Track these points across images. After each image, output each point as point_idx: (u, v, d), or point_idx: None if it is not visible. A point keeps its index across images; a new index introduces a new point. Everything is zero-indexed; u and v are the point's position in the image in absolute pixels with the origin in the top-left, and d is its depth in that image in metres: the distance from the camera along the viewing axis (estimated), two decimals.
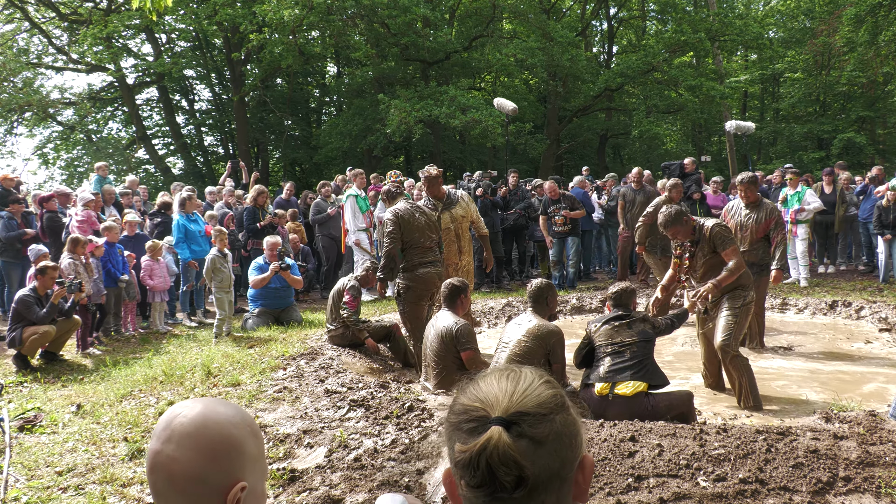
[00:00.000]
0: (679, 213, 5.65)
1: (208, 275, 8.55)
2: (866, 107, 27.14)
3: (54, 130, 27.03)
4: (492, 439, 1.03)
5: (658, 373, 4.91)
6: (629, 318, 5.10)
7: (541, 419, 1.06)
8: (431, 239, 6.67)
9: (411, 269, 6.54)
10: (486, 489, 1.04)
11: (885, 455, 3.45)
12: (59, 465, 4.41)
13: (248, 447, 1.26)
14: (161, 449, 1.22)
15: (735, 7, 29.46)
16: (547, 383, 1.12)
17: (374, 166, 22.83)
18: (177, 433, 1.22)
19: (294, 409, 5.01)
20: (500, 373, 1.15)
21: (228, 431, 1.24)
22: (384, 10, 19.78)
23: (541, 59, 21.76)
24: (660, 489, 3.25)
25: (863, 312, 8.91)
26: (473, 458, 1.04)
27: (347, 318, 6.94)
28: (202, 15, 21.21)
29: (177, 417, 1.24)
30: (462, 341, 5.39)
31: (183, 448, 1.21)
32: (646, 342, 4.99)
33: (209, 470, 1.21)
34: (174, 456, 1.20)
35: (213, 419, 1.24)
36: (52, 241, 9.47)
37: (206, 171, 27.92)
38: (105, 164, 12.73)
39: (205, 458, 1.21)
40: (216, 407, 1.27)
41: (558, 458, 1.06)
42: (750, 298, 5.63)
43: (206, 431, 1.22)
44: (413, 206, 6.70)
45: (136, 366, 7.09)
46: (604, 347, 5.01)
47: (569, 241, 11.46)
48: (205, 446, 1.21)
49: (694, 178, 12.44)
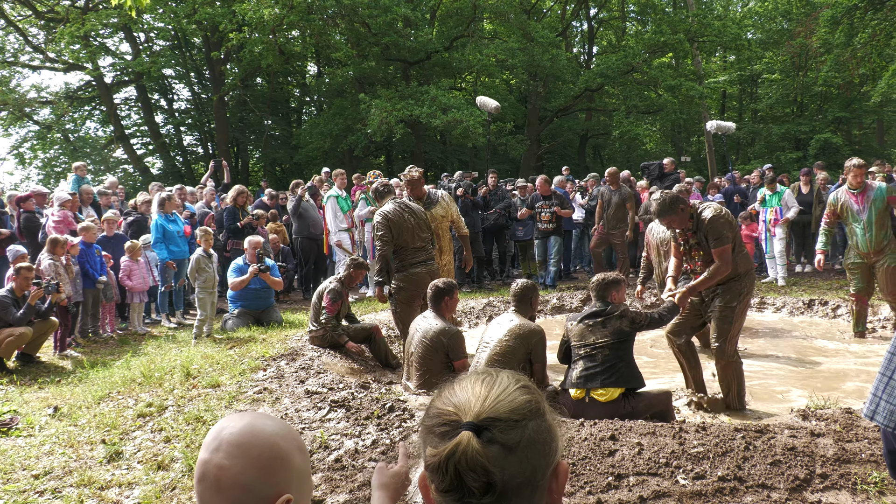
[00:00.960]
0: (674, 200, 5.24)
1: (192, 274, 8.48)
2: (843, 108, 27.49)
3: (31, 130, 26.75)
4: (461, 444, 1.03)
5: (633, 374, 4.82)
6: (605, 314, 4.92)
7: (513, 425, 1.05)
8: (422, 238, 6.65)
9: (403, 270, 6.54)
10: (455, 494, 1.04)
11: (861, 452, 3.49)
12: (35, 469, 4.36)
13: (295, 461, 1.28)
14: (210, 458, 1.23)
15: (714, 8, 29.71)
16: (523, 389, 1.11)
17: (355, 166, 22.80)
18: (225, 442, 1.23)
19: (274, 411, 4.99)
20: (477, 377, 1.14)
21: (276, 443, 1.26)
22: (365, 9, 19.75)
23: (521, 59, 21.82)
24: (640, 487, 3.26)
25: (839, 311, 9.01)
26: (442, 463, 1.03)
27: (326, 322, 6.91)
28: (181, 14, 21.09)
29: (225, 429, 1.26)
30: (455, 351, 5.41)
31: (232, 457, 1.22)
32: (620, 342, 4.82)
33: (256, 479, 1.22)
34: (223, 464, 1.22)
35: (261, 430, 1.26)
36: (29, 241, 9.37)
37: (185, 171, 27.74)
38: (83, 163, 12.60)
39: (252, 468, 1.22)
40: (264, 420, 1.29)
41: (529, 466, 1.05)
42: (746, 291, 5.30)
43: (255, 441, 1.24)
44: (402, 206, 6.65)
45: (115, 367, 7.02)
46: (577, 349, 4.93)
47: (551, 240, 11.52)
48: (253, 456, 1.23)
49: (673, 178, 12.54)
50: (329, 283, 7.21)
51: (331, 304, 6.92)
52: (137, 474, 4.14)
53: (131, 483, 4.03)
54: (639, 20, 31.60)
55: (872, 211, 7.46)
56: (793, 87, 27.69)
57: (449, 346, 5.39)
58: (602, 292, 5.09)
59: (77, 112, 27.15)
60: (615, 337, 4.82)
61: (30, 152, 27.28)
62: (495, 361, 4.93)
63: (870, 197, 7.51)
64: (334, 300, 6.94)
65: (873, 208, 7.46)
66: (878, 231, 7.47)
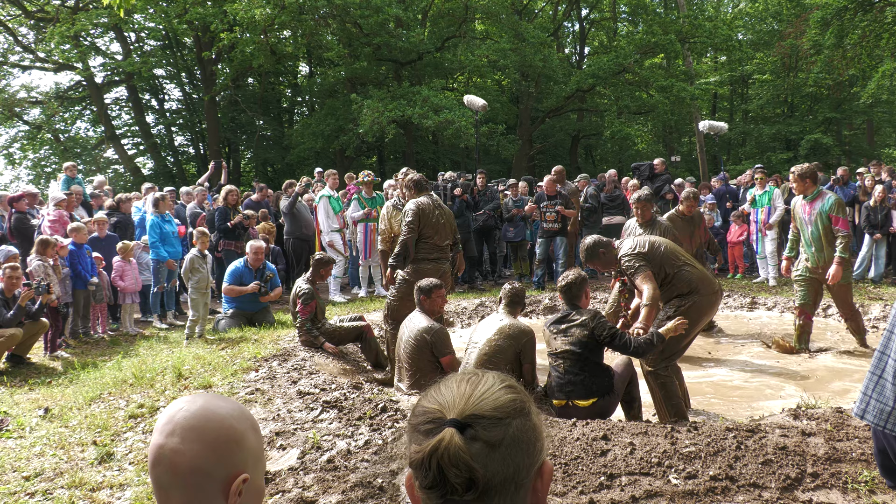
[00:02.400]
0: (593, 245, 5.05)
1: (186, 275, 8.44)
2: (833, 108, 27.65)
3: (20, 130, 26.63)
4: (443, 440, 1.03)
5: (600, 384, 4.60)
6: (569, 320, 4.73)
7: (496, 423, 1.05)
8: (445, 240, 6.64)
9: (415, 262, 6.53)
10: (438, 490, 1.04)
11: (852, 451, 3.50)
12: (26, 470, 4.34)
13: (250, 441, 1.28)
14: (164, 442, 1.23)
15: (704, 9, 29.83)
16: (508, 388, 1.12)
17: (347, 166, 22.76)
18: (180, 426, 1.23)
19: (266, 411, 4.98)
20: (463, 377, 1.15)
21: (230, 424, 1.26)
22: (356, 9, 19.72)
23: (513, 59, 21.85)
24: (632, 487, 3.27)
25: (830, 311, 9.05)
26: (425, 459, 1.04)
27: (301, 325, 6.89)
28: (172, 13, 21.02)
29: (179, 412, 1.25)
30: (439, 347, 5.38)
31: (186, 441, 1.22)
32: (581, 352, 4.60)
33: (212, 461, 1.22)
34: (178, 448, 1.22)
35: (214, 412, 1.26)
36: (19, 242, 9.31)
37: (176, 172, 27.65)
38: (73, 164, 12.54)
39: (208, 450, 1.22)
40: (217, 401, 1.29)
41: (512, 463, 1.05)
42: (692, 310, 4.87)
43: (209, 424, 1.24)
44: (435, 203, 6.63)
45: (106, 368, 7.00)
46: (548, 355, 4.84)
47: (557, 241, 11.50)
48: (208, 438, 1.23)
49: (664, 179, 12.59)
50: (298, 285, 7.16)
51: (304, 307, 6.89)
52: (129, 475, 4.13)
53: (123, 484, 4.02)
54: (630, 21, 31.70)
55: (818, 225, 6.82)
56: (783, 87, 27.85)
57: (433, 343, 5.37)
58: (568, 294, 4.88)
59: (67, 112, 27.04)
60: (577, 346, 4.62)
61: (20, 152, 27.15)
62: (484, 361, 4.91)
63: (816, 208, 6.84)
64: (306, 302, 6.90)
65: (819, 222, 6.81)
66: (818, 253, 6.87)
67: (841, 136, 29.80)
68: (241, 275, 8.77)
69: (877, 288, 10.66)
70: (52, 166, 26.43)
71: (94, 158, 27.04)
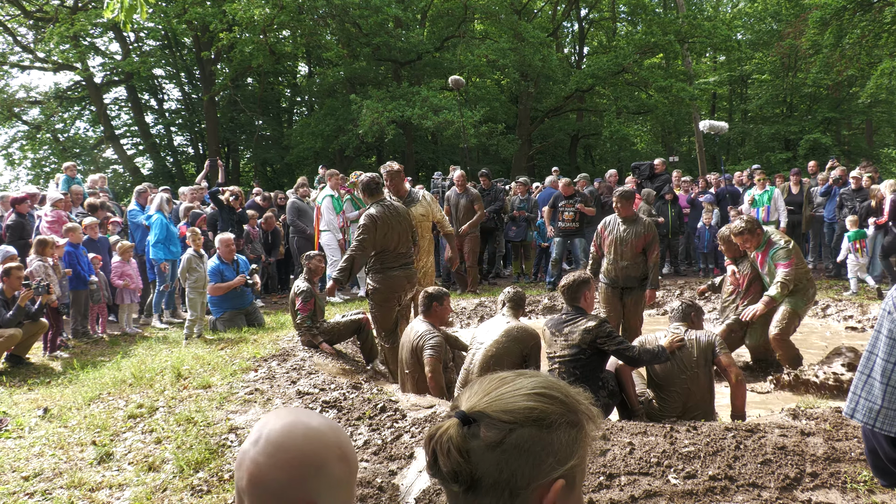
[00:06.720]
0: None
1: (183, 275, 8.43)
2: (832, 108, 27.66)
3: (20, 130, 26.63)
4: (442, 428, 1.07)
5: (593, 389, 4.48)
6: (572, 323, 4.67)
7: (499, 426, 1.05)
8: (406, 245, 6.55)
9: (381, 272, 6.42)
10: (431, 471, 1.09)
11: (851, 451, 3.51)
12: (25, 470, 4.34)
13: (332, 469, 1.20)
14: (248, 449, 1.20)
15: (704, 9, 29.83)
16: (536, 397, 1.09)
17: (346, 166, 22.74)
18: (265, 437, 1.20)
19: (266, 411, 4.97)
20: (504, 376, 1.14)
21: (313, 449, 1.20)
22: (356, 9, 19.73)
23: (512, 59, 21.83)
24: (631, 487, 3.27)
25: (829, 311, 9.05)
26: (426, 441, 1.09)
27: (301, 323, 6.89)
28: (171, 13, 21.01)
29: (269, 423, 1.22)
30: (424, 348, 5.31)
31: (265, 454, 1.18)
32: (576, 359, 4.54)
33: (283, 482, 1.17)
34: (256, 459, 1.18)
35: (300, 431, 1.20)
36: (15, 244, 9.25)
37: (175, 172, 27.65)
38: (73, 164, 12.54)
39: (281, 470, 1.17)
40: (309, 420, 1.23)
41: (508, 469, 1.04)
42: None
43: (292, 443, 1.19)
44: (389, 209, 6.42)
45: (105, 368, 7.00)
46: (547, 357, 4.80)
47: (576, 242, 11.49)
48: (285, 457, 1.18)
49: (664, 178, 12.60)
50: (297, 285, 7.16)
51: (303, 304, 6.88)
52: (128, 475, 4.13)
53: (122, 484, 4.02)
54: (629, 21, 31.68)
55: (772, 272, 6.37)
56: (782, 87, 27.85)
57: (422, 346, 5.33)
58: (571, 296, 4.81)
59: (66, 112, 27.04)
60: (572, 352, 4.57)
61: (19, 153, 27.16)
62: (490, 362, 4.85)
63: (769, 255, 6.39)
64: (306, 300, 6.90)
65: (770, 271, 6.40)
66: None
67: (840, 135, 29.82)
68: (221, 272, 8.73)
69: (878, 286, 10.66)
70: (52, 166, 26.40)
71: (93, 158, 27.02)
